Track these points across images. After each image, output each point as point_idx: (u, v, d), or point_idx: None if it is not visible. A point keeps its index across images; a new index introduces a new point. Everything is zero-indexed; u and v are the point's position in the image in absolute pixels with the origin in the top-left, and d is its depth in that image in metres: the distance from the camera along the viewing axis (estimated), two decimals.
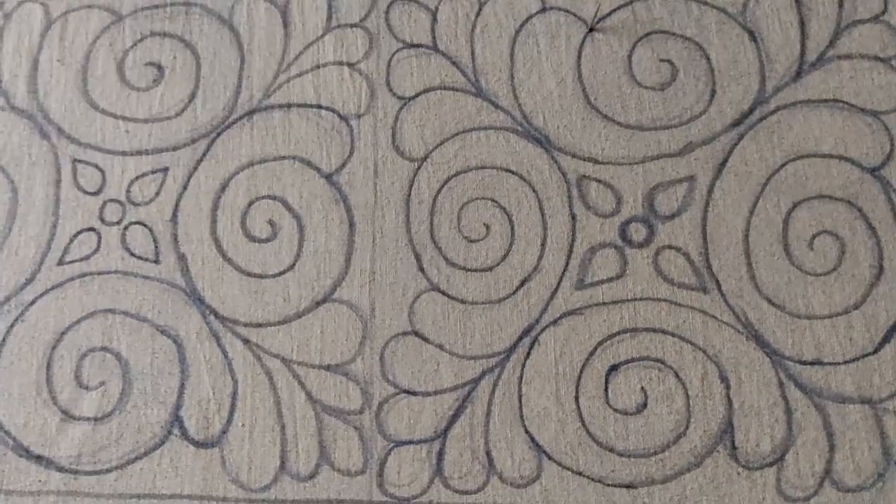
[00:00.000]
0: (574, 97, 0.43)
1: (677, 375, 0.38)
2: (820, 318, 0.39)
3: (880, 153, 0.41)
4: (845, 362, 0.38)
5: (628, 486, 0.37)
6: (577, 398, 0.38)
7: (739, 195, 0.41)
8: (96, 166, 0.42)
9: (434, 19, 0.44)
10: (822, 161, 0.41)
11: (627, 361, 0.39)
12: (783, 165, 0.41)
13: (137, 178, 0.42)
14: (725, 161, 0.41)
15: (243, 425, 0.39)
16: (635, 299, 0.40)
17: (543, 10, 0.44)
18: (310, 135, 0.42)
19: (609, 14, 0.44)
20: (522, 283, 0.40)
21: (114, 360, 0.40)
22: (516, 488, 0.37)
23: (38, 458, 0.38)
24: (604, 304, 0.40)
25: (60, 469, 0.38)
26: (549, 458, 0.38)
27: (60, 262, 0.41)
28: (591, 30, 0.43)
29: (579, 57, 0.43)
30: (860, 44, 0.42)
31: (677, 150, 0.41)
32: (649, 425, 0.38)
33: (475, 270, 0.40)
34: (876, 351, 0.38)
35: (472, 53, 0.44)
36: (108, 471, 0.38)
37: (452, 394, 0.39)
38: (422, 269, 0.41)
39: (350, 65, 0.43)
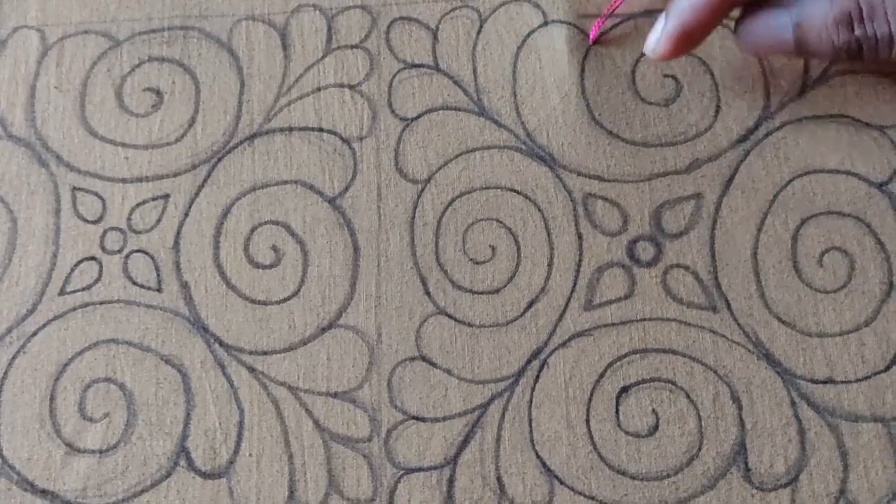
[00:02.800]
0: (578, 113, 0.42)
1: (688, 396, 0.38)
2: (831, 336, 0.38)
3: (887, 168, 0.40)
4: (857, 380, 0.38)
5: None
6: (587, 421, 0.38)
7: (747, 212, 0.40)
8: (96, 194, 0.42)
9: (435, 38, 0.44)
10: (829, 177, 0.41)
11: (638, 383, 0.38)
12: (790, 182, 0.41)
13: (138, 205, 0.42)
14: (732, 178, 0.41)
15: (251, 455, 0.38)
16: (644, 319, 0.39)
17: (545, 23, 0.44)
18: (312, 158, 0.42)
19: (611, 28, 0.43)
20: (530, 305, 0.40)
21: (118, 391, 0.39)
22: None
23: (44, 493, 0.38)
24: (613, 324, 0.39)
25: (66, 503, 0.38)
26: (561, 482, 0.37)
27: (62, 293, 0.40)
28: (593, 43, 0.43)
29: (582, 71, 0.43)
30: None
31: (683, 168, 0.41)
32: (661, 448, 0.38)
33: (482, 293, 0.40)
34: (888, 368, 0.38)
35: (474, 72, 0.43)
36: None
37: (462, 419, 0.38)
38: (428, 293, 0.40)
39: (351, 87, 0.43)
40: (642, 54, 0.43)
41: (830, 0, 0.36)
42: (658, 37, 0.39)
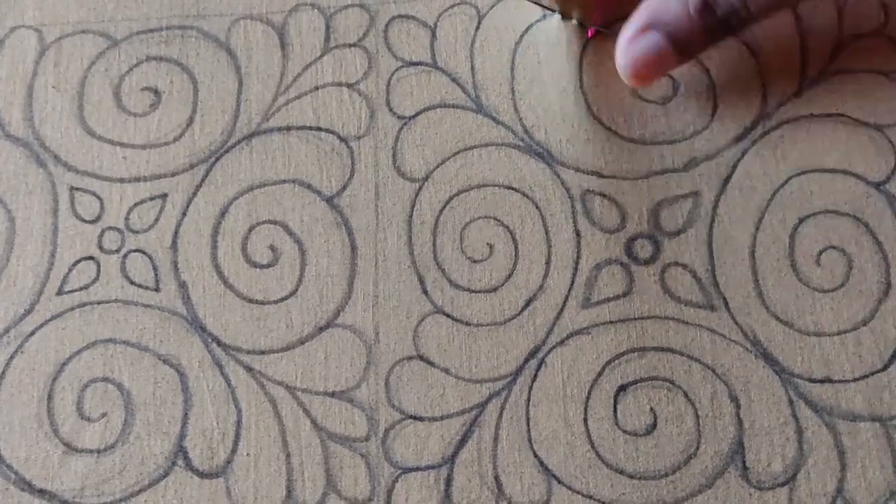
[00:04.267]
0: (576, 108, 0.42)
1: (686, 395, 0.38)
2: (829, 335, 0.38)
3: (885, 167, 0.40)
4: (855, 380, 0.38)
5: None
6: (585, 420, 0.38)
7: (744, 211, 0.40)
8: (94, 194, 0.42)
9: (433, 36, 0.44)
10: (826, 176, 0.40)
11: (636, 382, 0.38)
12: (787, 181, 0.41)
13: (136, 205, 0.42)
14: (730, 177, 0.41)
15: (248, 455, 0.38)
16: (642, 318, 0.39)
17: (543, 18, 0.43)
18: (310, 157, 0.42)
19: (610, 23, 0.43)
20: (528, 303, 0.40)
21: (116, 391, 0.39)
22: None
23: (42, 492, 0.38)
24: (611, 322, 0.39)
25: (64, 503, 0.38)
26: (559, 481, 0.37)
27: (59, 292, 0.40)
28: (592, 36, 0.43)
29: (581, 66, 0.43)
30: (861, 58, 0.42)
31: (681, 166, 0.41)
32: (659, 447, 0.38)
33: (479, 291, 0.40)
34: (885, 367, 0.38)
35: (472, 69, 0.43)
36: None
37: (459, 418, 0.38)
38: (425, 292, 0.40)
39: (349, 85, 0.43)
40: None
41: (679, 1, 0.38)
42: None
